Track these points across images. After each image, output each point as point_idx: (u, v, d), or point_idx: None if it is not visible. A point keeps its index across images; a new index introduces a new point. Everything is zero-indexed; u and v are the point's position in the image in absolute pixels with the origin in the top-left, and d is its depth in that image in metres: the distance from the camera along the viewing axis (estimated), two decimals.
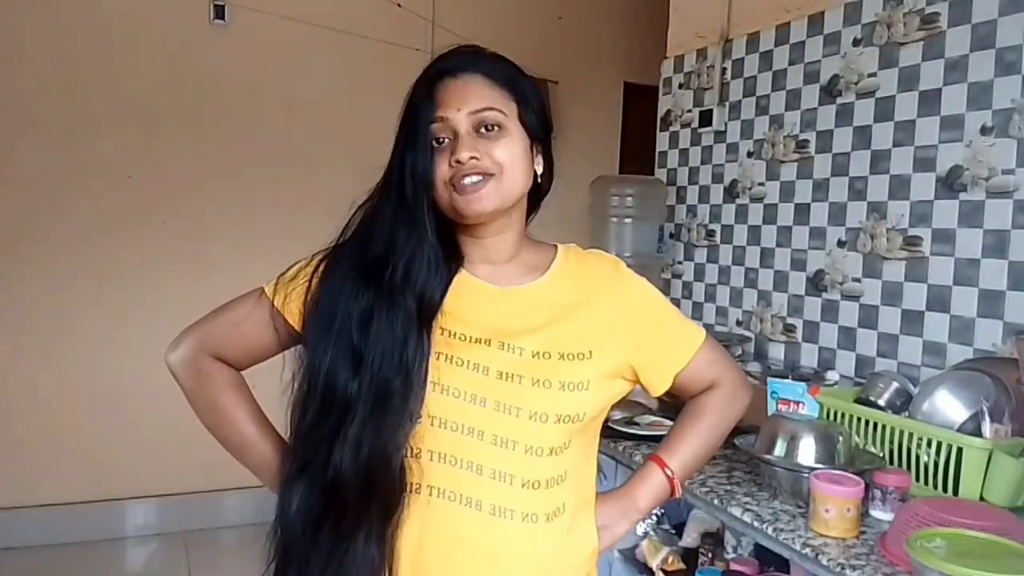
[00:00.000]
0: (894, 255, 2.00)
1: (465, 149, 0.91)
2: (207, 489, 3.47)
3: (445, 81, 0.96)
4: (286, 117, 3.55)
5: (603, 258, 1.07)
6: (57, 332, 3.23)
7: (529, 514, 0.92)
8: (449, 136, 0.94)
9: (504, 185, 0.94)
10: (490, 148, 0.93)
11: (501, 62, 1.00)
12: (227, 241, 3.46)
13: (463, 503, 0.90)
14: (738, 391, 1.12)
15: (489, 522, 0.90)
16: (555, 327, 0.96)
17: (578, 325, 0.97)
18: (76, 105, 3.23)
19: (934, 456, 1.50)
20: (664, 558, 2.05)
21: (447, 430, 0.91)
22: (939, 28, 1.90)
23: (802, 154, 2.30)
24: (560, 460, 0.94)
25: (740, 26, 2.59)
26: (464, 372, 0.92)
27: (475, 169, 0.92)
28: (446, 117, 0.93)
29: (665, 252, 2.86)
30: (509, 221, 0.99)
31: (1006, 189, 1.74)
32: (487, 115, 0.94)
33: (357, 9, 3.68)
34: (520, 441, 0.91)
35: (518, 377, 0.92)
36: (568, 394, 0.93)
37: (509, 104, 0.96)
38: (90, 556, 3.14)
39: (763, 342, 2.43)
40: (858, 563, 1.25)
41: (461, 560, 0.91)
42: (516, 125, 0.96)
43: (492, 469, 0.90)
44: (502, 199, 0.94)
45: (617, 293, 1.02)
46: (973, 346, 1.80)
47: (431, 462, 0.91)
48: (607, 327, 0.99)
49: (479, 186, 0.92)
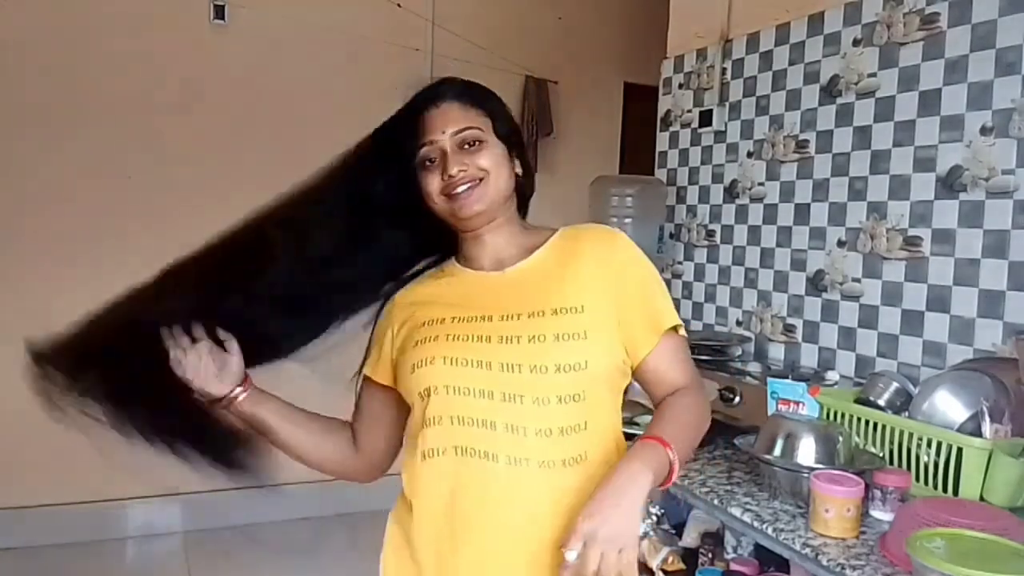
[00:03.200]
0: (894, 255, 2.00)
1: (454, 164, 1.07)
2: (207, 489, 3.47)
3: (427, 111, 1.11)
4: (286, 117, 3.56)
5: (600, 227, 1.16)
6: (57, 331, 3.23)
7: (545, 461, 1.00)
8: (437, 156, 1.09)
9: (491, 187, 1.09)
10: (474, 159, 1.08)
11: (472, 88, 1.15)
12: None
13: (482, 457, 1.00)
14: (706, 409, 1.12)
15: (507, 472, 1.00)
16: (548, 287, 1.08)
17: (569, 282, 1.07)
18: (75, 105, 3.23)
19: (934, 456, 1.50)
20: (664, 558, 2.04)
21: (460, 395, 1.02)
22: (939, 28, 1.90)
23: (802, 154, 2.30)
24: (574, 409, 1.01)
25: (740, 26, 2.59)
26: (469, 344, 1.04)
27: (465, 179, 1.07)
28: (434, 140, 1.09)
29: (665, 252, 2.86)
30: (501, 216, 1.13)
31: (1006, 189, 1.74)
32: (467, 133, 1.09)
33: (357, 9, 3.68)
34: (526, 394, 1.00)
35: (515, 338, 1.03)
36: (563, 344, 1.02)
37: (484, 121, 1.11)
38: (90, 556, 3.15)
39: (763, 342, 2.43)
40: (858, 563, 1.25)
41: (490, 509, 1.01)
42: (492, 137, 1.11)
43: (505, 423, 1.00)
44: (491, 199, 1.09)
45: (607, 254, 1.10)
46: (973, 346, 1.79)
47: (452, 426, 1.02)
48: (596, 284, 1.07)
49: (470, 192, 1.07)
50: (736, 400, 2.00)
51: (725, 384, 2.05)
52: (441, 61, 3.76)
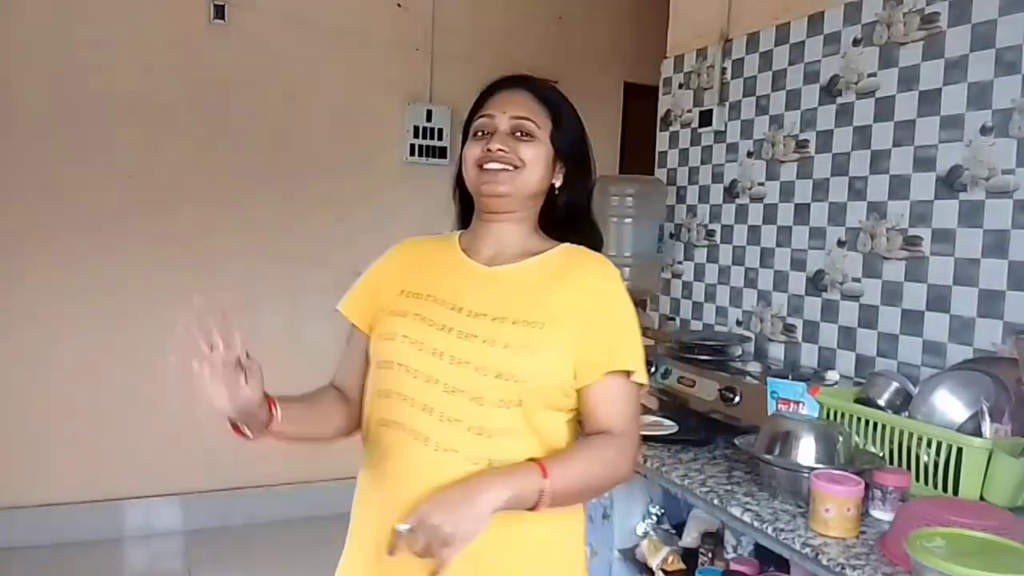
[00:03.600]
0: (894, 255, 2.00)
1: (498, 141, 1.13)
2: (207, 489, 3.47)
3: (500, 91, 1.18)
4: (286, 117, 3.56)
5: (599, 260, 1.17)
6: (58, 332, 3.23)
7: (472, 456, 1.03)
8: (490, 131, 1.15)
9: (521, 178, 1.13)
10: (519, 148, 1.13)
11: (549, 89, 1.20)
12: (227, 240, 3.46)
13: (415, 438, 1.05)
14: (622, 463, 1.08)
15: (434, 457, 1.04)
16: (522, 296, 1.10)
17: (543, 297, 1.10)
18: (76, 105, 3.23)
19: (934, 456, 1.50)
20: (664, 558, 2.05)
21: (409, 377, 1.08)
22: (939, 28, 1.90)
23: (802, 154, 2.30)
24: (510, 414, 1.04)
25: (740, 26, 2.59)
26: (432, 331, 1.09)
27: (502, 159, 1.12)
28: (492, 115, 1.16)
29: (665, 252, 2.86)
30: (519, 214, 1.17)
31: (1006, 189, 1.74)
32: (524, 123, 1.14)
33: (357, 9, 3.68)
34: (466, 391, 1.04)
35: (473, 336, 1.07)
36: (511, 353, 1.04)
37: (545, 121, 1.16)
38: (90, 556, 3.15)
39: (763, 342, 2.43)
40: (858, 563, 1.25)
41: (409, 487, 1.03)
42: (546, 139, 1.16)
43: (441, 412, 1.05)
44: (516, 189, 1.13)
45: (591, 284, 1.12)
46: (973, 346, 1.79)
47: (397, 403, 1.08)
48: (569, 308, 1.08)
49: (501, 173, 1.12)
50: (736, 400, 2.00)
51: (725, 384, 2.05)
52: (441, 61, 3.76)
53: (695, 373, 2.18)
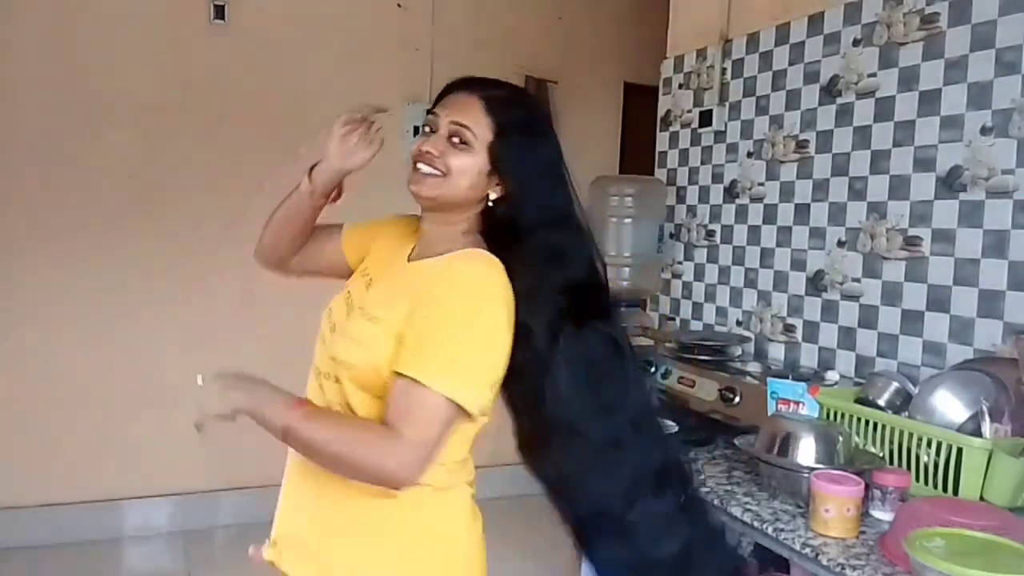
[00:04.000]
0: (894, 255, 2.00)
1: (432, 144, 1.13)
2: (207, 489, 3.47)
3: (455, 91, 1.17)
4: (286, 117, 3.55)
5: (464, 267, 1.12)
6: (58, 332, 3.23)
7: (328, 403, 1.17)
8: (433, 129, 1.15)
9: (446, 186, 1.12)
10: (449, 154, 1.12)
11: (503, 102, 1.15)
12: (227, 240, 3.45)
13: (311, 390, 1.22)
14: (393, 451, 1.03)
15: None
16: (391, 292, 1.15)
17: (398, 296, 1.12)
18: (75, 105, 3.23)
19: (934, 456, 1.50)
20: None
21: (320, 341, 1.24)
22: (939, 28, 1.90)
23: (802, 154, 2.30)
24: (337, 389, 1.15)
25: (740, 26, 2.59)
26: (341, 306, 1.23)
27: (430, 162, 1.12)
28: (437, 115, 1.15)
29: (665, 252, 2.86)
30: (446, 219, 1.17)
31: (1006, 189, 1.74)
32: (461, 130, 1.12)
33: (357, 9, 3.68)
34: (321, 367, 1.20)
35: (343, 321, 1.19)
36: (349, 342, 1.13)
37: (485, 132, 1.12)
38: (90, 556, 3.14)
39: (763, 342, 2.43)
40: (858, 563, 1.25)
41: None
42: (483, 150, 1.12)
43: (317, 374, 1.21)
44: (440, 194, 1.13)
45: (430, 288, 1.10)
46: (973, 346, 1.79)
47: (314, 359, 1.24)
48: (408, 306, 1.10)
49: (426, 176, 1.13)
50: (736, 400, 2.00)
51: (725, 384, 2.05)
52: (441, 61, 3.76)
53: (695, 373, 2.18)
